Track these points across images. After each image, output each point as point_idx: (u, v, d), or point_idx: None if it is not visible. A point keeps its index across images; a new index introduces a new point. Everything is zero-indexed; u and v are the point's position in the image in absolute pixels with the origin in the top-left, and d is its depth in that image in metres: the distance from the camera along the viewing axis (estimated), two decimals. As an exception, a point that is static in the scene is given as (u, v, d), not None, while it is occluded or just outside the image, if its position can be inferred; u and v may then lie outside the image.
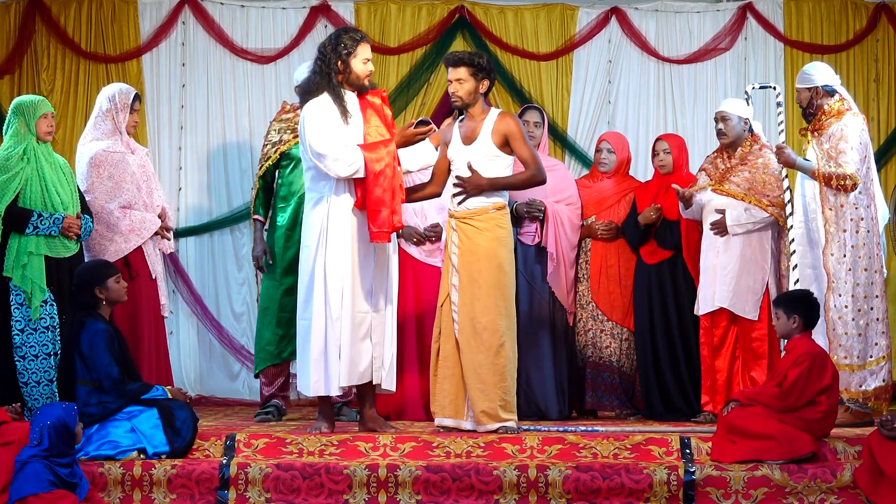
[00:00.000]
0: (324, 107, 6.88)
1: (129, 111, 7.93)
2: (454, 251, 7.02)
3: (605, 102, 9.84)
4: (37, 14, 9.69)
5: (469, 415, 6.97)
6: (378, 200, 6.77)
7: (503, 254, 6.99)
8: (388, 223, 6.78)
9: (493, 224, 6.98)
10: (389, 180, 6.80)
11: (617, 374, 8.27)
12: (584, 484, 6.33)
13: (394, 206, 6.80)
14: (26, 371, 7.23)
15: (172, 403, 6.70)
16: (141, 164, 7.98)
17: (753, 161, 7.82)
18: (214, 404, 9.35)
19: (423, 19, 9.85)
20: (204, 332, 9.69)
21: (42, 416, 6.17)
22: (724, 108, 7.94)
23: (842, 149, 7.40)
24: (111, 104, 7.93)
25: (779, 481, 6.32)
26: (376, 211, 6.78)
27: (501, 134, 7.00)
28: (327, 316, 6.83)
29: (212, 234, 9.74)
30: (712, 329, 7.81)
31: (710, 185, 7.87)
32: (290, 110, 7.89)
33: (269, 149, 7.85)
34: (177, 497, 6.42)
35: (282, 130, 7.82)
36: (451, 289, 7.00)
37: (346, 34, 7.00)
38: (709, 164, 7.99)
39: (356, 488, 6.40)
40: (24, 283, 7.23)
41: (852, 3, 9.82)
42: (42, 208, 7.32)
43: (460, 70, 7.01)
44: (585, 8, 9.87)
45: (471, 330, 6.93)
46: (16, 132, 7.43)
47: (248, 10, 9.85)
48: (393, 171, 6.82)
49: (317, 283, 6.86)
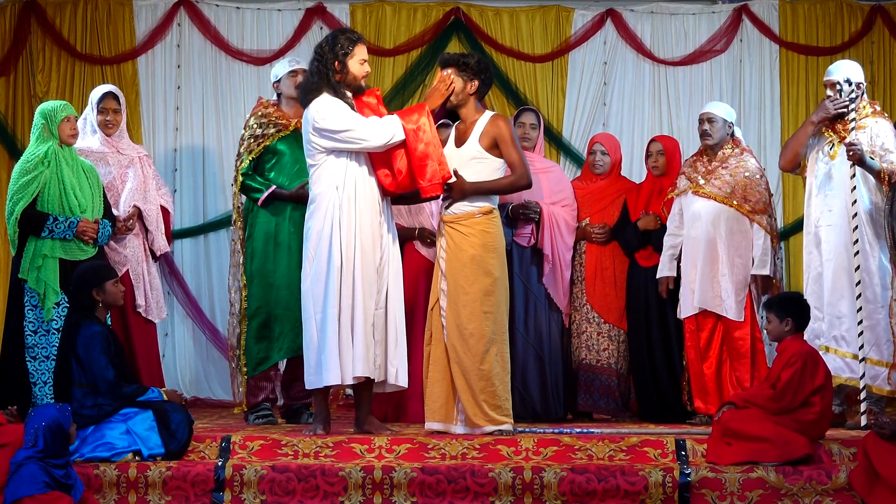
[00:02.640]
0: (333, 98, 6.91)
1: (96, 111, 8.03)
2: (442, 255, 7.03)
3: (600, 104, 9.85)
4: (32, 16, 9.70)
5: (459, 419, 6.97)
6: (423, 155, 6.84)
7: (490, 259, 6.98)
8: (438, 174, 6.86)
9: (478, 229, 6.98)
10: (429, 134, 6.87)
11: (613, 376, 8.27)
12: (580, 486, 6.33)
13: (440, 157, 6.89)
14: (37, 371, 7.33)
15: (167, 406, 6.69)
16: (126, 166, 8.03)
17: (735, 164, 7.83)
18: (210, 406, 9.34)
19: (418, 21, 9.86)
20: (199, 334, 9.68)
21: (36, 418, 6.17)
22: (710, 110, 7.95)
23: (888, 147, 7.43)
24: (89, 105, 8.16)
25: (774, 483, 6.32)
26: (422, 165, 6.84)
27: (491, 136, 7.01)
28: (341, 308, 6.80)
29: (207, 235, 9.74)
30: (698, 332, 7.82)
31: (690, 188, 7.87)
32: (268, 105, 7.82)
33: (252, 142, 7.66)
34: (172, 499, 6.41)
35: (263, 125, 7.71)
36: (440, 293, 7.01)
37: (343, 35, 7.01)
38: (688, 168, 7.99)
39: (351, 490, 6.40)
40: (37, 284, 7.30)
41: (847, 5, 9.83)
42: (59, 212, 7.39)
43: (450, 70, 7.04)
44: (581, 10, 9.88)
45: (457, 335, 6.94)
46: (40, 136, 7.53)
47: (243, 11, 9.85)
48: (430, 125, 6.89)
49: (331, 274, 6.82)
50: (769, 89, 9.81)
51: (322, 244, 6.86)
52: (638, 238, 8.15)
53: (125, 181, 8.05)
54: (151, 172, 8.27)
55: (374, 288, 6.91)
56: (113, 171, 7.95)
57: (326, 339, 6.81)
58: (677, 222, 7.92)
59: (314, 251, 6.88)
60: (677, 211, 7.94)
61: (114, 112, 8.10)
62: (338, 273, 6.82)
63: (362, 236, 6.87)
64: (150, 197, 8.15)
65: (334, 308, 6.81)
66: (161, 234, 8.20)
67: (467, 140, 7.06)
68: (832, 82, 7.61)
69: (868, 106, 7.59)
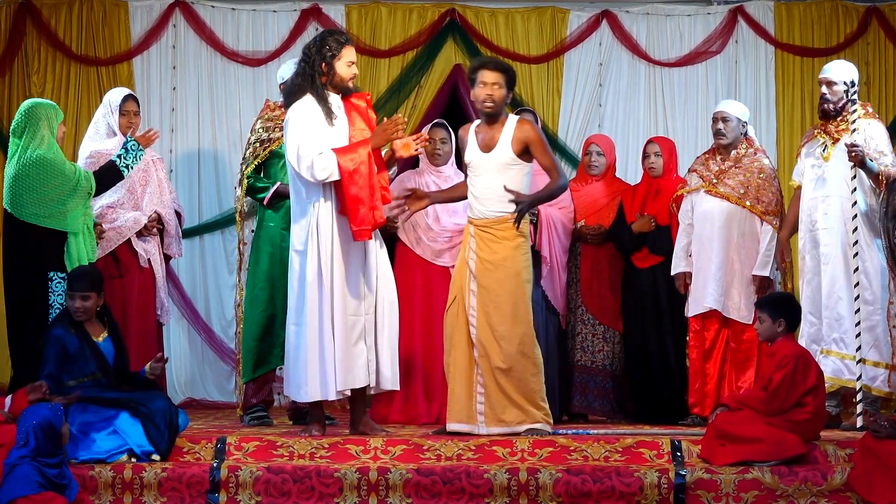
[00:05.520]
0: (307, 110, 6.88)
1: (118, 113, 7.96)
2: (472, 257, 7.03)
3: (595, 105, 9.85)
4: (27, 17, 9.70)
5: (481, 420, 6.97)
6: (355, 198, 6.76)
7: (521, 261, 7.02)
8: (368, 220, 6.77)
9: (512, 233, 7.00)
10: (365, 178, 6.77)
11: (609, 377, 8.27)
12: (575, 487, 6.33)
13: (373, 202, 6.79)
14: None
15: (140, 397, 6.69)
16: (143, 170, 7.99)
17: (748, 164, 7.82)
18: (205, 407, 9.34)
19: (413, 22, 9.86)
20: (195, 336, 9.68)
21: (28, 417, 6.16)
22: (725, 109, 7.92)
23: (881, 150, 7.43)
24: (105, 108, 8.06)
25: (769, 484, 6.32)
26: (355, 209, 6.77)
27: (521, 142, 7.02)
28: (321, 320, 6.83)
29: (202, 237, 9.74)
30: (703, 332, 7.82)
31: (702, 187, 7.87)
32: (274, 108, 7.84)
33: (258, 147, 7.74)
34: (167, 500, 6.41)
35: (269, 129, 7.75)
36: (469, 294, 7.01)
37: (330, 36, 7.00)
38: (700, 166, 7.98)
39: (347, 491, 6.39)
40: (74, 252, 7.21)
41: (843, 7, 9.84)
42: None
43: (498, 75, 7.06)
44: (576, 11, 9.89)
45: (488, 338, 6.95)
46: (41, 135, 7.35)
47: (238, 12, 9.85)
48: (369, 168, 6.79)
49: (309, 287, 6.85)
50: (764, 90, 9.81)
51: (298, 258, 6.90)
52: (633, 239, 8.15)
53: (143, 184, 8.02)
54: (164, 176, 8.26)
55: (360, 296, 6.88)
56: (132, 175, 7.91)
57: (304, 355, 6.84)
58: (689, 219, 7.91)
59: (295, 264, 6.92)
60: (688, 207, 7.92)
61: (135, 115, 8.09)
62: (315, 288, 6.83)
63: (341, 245, 6.85)
64: (166, 201, 8.13)
65: (314, 321, 6.83)
66: (176, 238, 8.19)
67: (496, 146, 7.04)
68: (827, 80, 7.61)
69: (860, 108, 7.59)
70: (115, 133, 7.98)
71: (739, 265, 7.77)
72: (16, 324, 7.18)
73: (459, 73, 9.75)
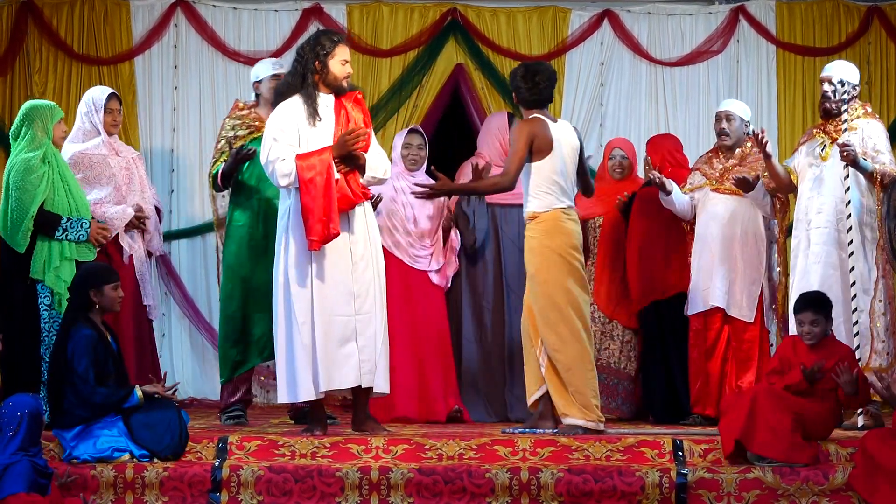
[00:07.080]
0: (285, 113, 6.87)
1: (103, 111, 7.95)
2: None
3: (597, 105, 9.85)
4: (29, 16, 9.70)
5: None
6: (306, 209, 6.71)
7: (534, 262, 7.05)
8: (318, 232, 6.69)
9: (526, 235, 7.13)
10: (319, 189, 6.71)
11: (616, 376, 8.26)
12: (577, 486, 6.33)
13: (330, 214, 6.70)
14: None
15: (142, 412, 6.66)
16: (125, 168, 7.98)
17: (754, 162, 7.82)
18: (207, 406, 9.33)
19: (415, 21, 9.85)
20: (196, 335, 9.68)
21: (17, 406, 6.14)
22: (729, 108, 7.93)
23: (880, 149, 7.42)
24: (88, 106, 7.98)
25: (771, 484, 6.32)
26: (305, 219, 6.72)
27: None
28: (292, 321, 6.81)
29: (204, 236, 9.73)
30: (705, 331, 7.81)
31: (707, 185, 7.87)
32: (243, 107, 7.85)
33: (224, 144, 7.73)
34: (169, 500, 6.41)
35: (236, 127, 7.74)
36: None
37: (324, 35, 7.00)
38: (703, 164, 7.99)
39: (348, 490, 6.40)
40: (57, 284, 7.19)
41: (844, 6, 9.84)
42: (67, 213, 7.31)
43: None
44: (578, 10, 9.89)
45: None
46: (32, 137, 7.34)
47: (240, 12, 9.85)
48: (325, 179, 6.72)
49: (281, 289, 6.86)
50: (766, 90, 9.81)
51: (279, 257, 6.90)
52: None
53: (127, 182, 8.01)
54: (143, 173, 8.25)
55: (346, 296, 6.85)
56: (116, 173, 7.91)
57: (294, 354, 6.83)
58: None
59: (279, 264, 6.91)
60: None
61: (118, 112, 8.08)
62: (283, 289, 6.84)
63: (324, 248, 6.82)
64: (147, 197, 8.14)
65: (284, 321, 6.84)
66: (158, 234, 8.19)
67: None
68: (828, 78, 7.61)
69: (860, 107, 7.59)
70: (98, 132, 7.93)
71: (742, 264, 7.77)
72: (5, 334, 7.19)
73: (461, 73, 9.76)
